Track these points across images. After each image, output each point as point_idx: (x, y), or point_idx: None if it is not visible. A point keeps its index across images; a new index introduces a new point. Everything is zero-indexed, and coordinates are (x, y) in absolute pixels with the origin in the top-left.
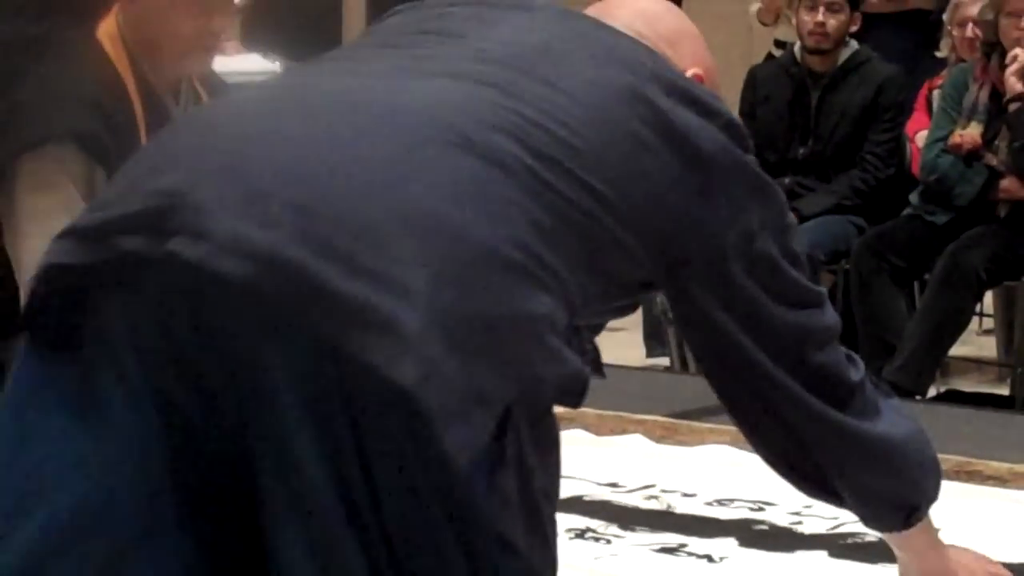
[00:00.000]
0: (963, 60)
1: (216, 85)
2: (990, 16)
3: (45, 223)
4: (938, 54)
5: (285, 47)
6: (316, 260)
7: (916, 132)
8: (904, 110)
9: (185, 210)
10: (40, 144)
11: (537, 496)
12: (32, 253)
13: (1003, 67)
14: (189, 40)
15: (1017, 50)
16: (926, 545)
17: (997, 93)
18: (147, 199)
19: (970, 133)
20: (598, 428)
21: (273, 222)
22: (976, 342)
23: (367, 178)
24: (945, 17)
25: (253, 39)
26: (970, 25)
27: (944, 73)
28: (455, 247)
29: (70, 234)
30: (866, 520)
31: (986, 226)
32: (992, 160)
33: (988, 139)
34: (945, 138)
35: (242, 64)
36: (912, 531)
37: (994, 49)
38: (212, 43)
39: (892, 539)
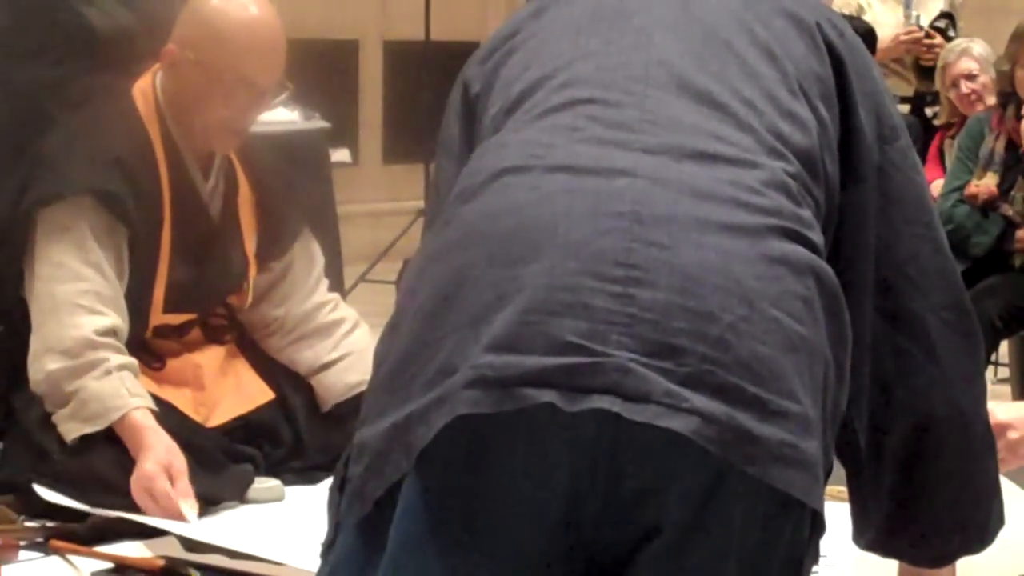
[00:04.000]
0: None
1: (251, 148)
2: (1006, 67)
3: (56, 265)
4: (936, 122)
5: (304, 95)
6: (738, 412)
7: (929, 183)
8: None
9: (607, 371)
10: (59, 198)
11: None
12: (41, 295)
13: (1019, 118)
14: (220, 123)
15: None
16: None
17: (1013, 144)
18: (552, 349)
19: (986, 183)
20: None
21: (693, 381)
22: (991, 391)
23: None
24: (936, 85)
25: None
26: (963, 82)
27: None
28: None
29: (477, 382)
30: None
31: (1001, 275)
32: (1008, 210)
33: (1004, 189)
34: (961, 188)
35: (264, 115)
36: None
37: (1010, 100)
38: (242, 131)
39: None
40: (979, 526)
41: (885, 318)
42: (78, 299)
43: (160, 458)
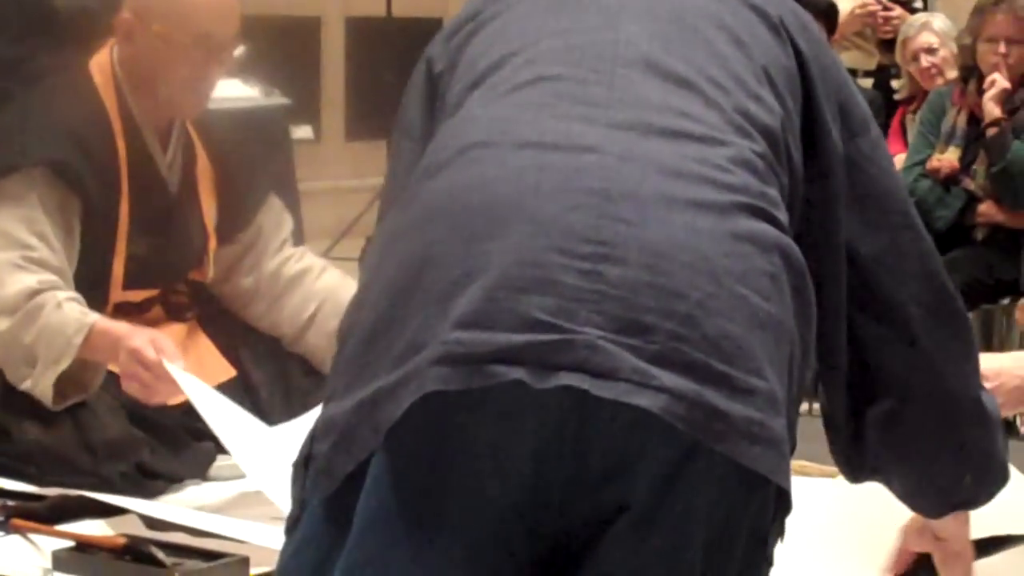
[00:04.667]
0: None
1: (209, 121)
2: (967, 41)
3: (4, 235)
4: (896, 96)
5: (264, 73)
6: (706, 389)
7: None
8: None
9: (576, 348)
10: (13, 169)
11: None
12: None
13: (980, 92)
14: (182, 85)
15: (995, 75)
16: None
17: (975, 118)
18: (521, 326)
19: (948, 158)
20: None
21: (662, 358)
22: None
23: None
24: (897, 58)
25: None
26: (923, 55)
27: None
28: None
29: (445, 359)
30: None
31: (964, 249)
32: (970, 184)
33: (966, 163)
34: (923, 162)
35: (222, 90)
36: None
37: (972, 74)
38: (206, 89)
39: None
40: (975, 488)
41: (865, 310)
42: (18, 262)
43: (143, 334)
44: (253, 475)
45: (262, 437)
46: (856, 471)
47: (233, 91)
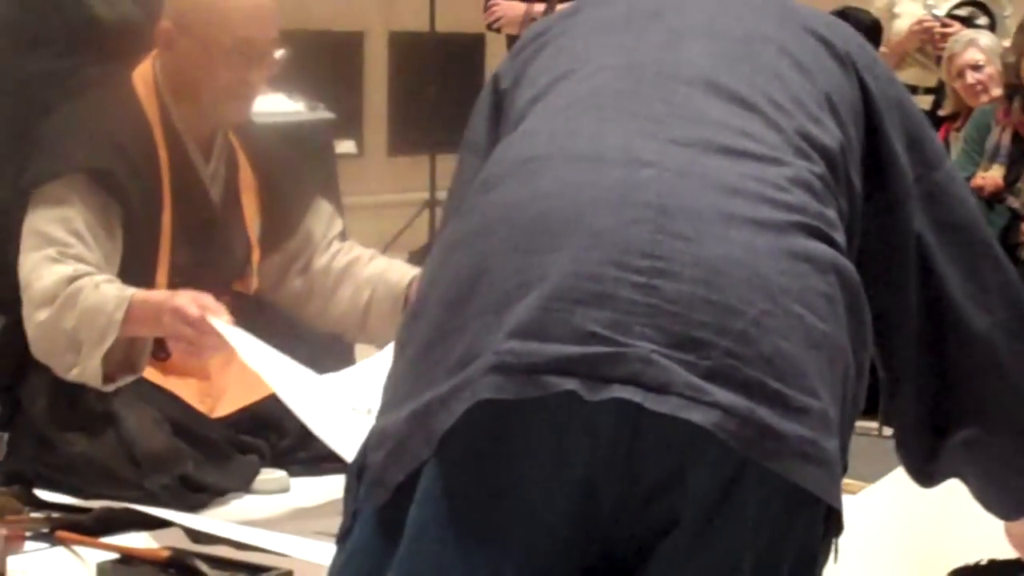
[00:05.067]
0: (971, 109)
1: (252, 133)
2: (1012, 59)
3: (40, 235)
4: (941, 112)
5: (308, 87)
6: (759, 407)
7: None
8: None
9: (629, 361)
10: (55, 176)
11: None
12: (24, 264)
13: None
14: (226, 91)
15: None
16: None
17: (1020, 136)
18: (575, 337)
19: (992, 176)
20: None
21: (715, 374)
22: None
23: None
24: (943, 75)
25: (277, 79)
26: (968, 72)
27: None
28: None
29: (499, 368)
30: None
31: None
32: (1014, 203)
33: (1010, 181)
34: (967, 180)
35: (266, 104)
36: None
37: (1017, 92)
38: (249, 94)
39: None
40: None
41: (952, 338)
42: (54, 256)
43: (184, 294)
44: (308, 421)
45: (314, 385)
46: (927, 482)
47: (278, 105)
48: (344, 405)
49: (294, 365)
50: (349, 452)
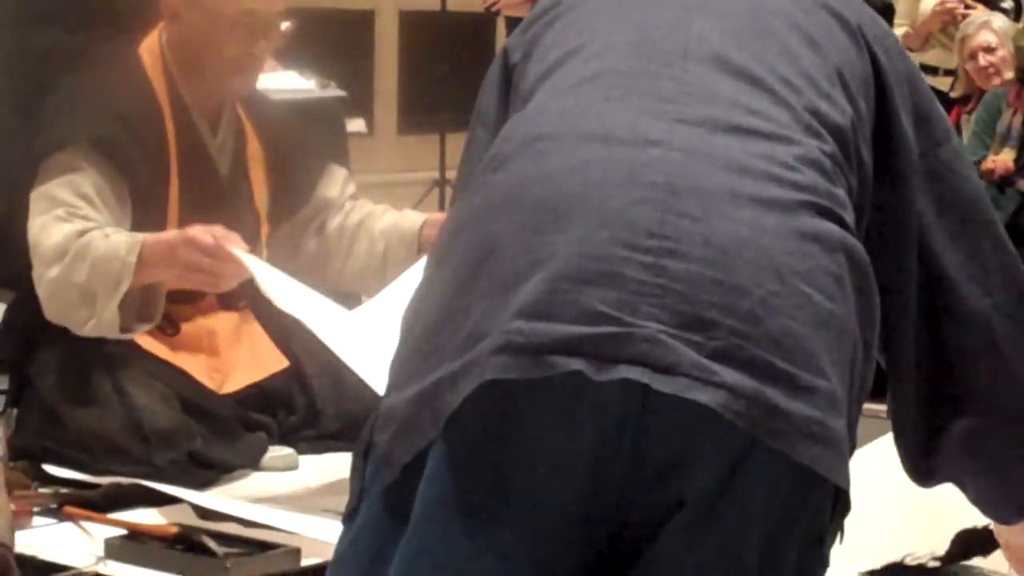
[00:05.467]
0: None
1: (260, 106)
2: (1023, 43)
3: (48, 198)
4: (952, 94)
5: (320, 64)
6: (767, 387)
7: None
8: None
9: (636, 342)
10: (60, 147)
11: None
12: (33, 227)
13: None
14: (232, 63)
15: None
16: None
17: None
18: (582, 318)
19: (1003, 159)
20: None
21: (723, 354)
22: None
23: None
24: (955, 56)
25: (288, 56)
26: (981, 54)
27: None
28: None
29: (506, 348)
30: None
31: (1018, 251)
32: None
33: (1021, 165)
34: (978, 163)
35: (278, 82)
36: None
37: None
38: (255, 66)
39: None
40: None
41: (950, 317)
42: (62, 215)
43: (196, 227)
44: (333, 346)
45: (336, 313)
46: (926, 478)
47: (290, 83)
48: (371, 332)
49: (313, 293)
50: (377, 381)
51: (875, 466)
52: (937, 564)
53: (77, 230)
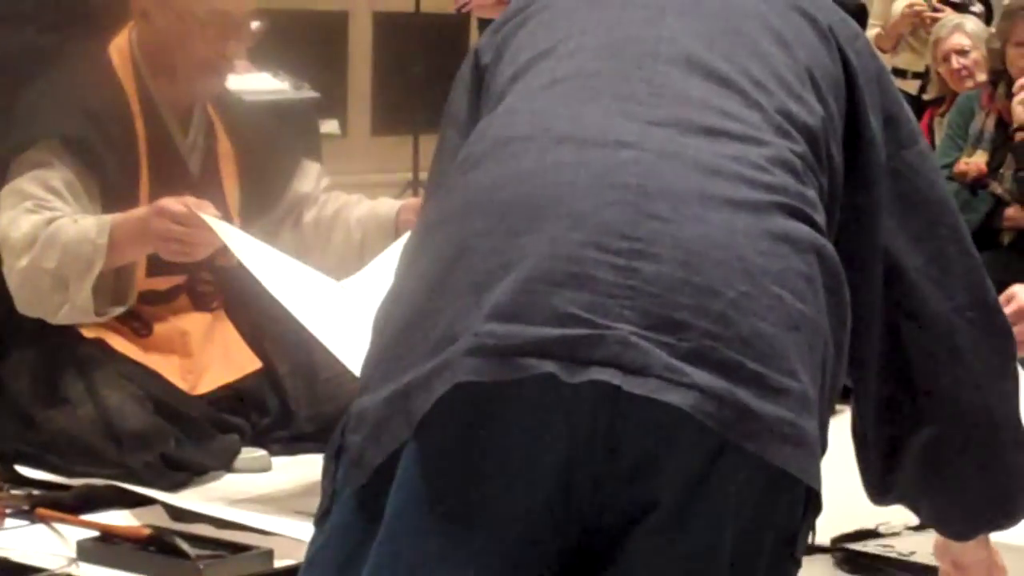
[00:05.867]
0: (955, 94)
1: (231, 106)
2: (997, 45)
3: (17, 193)
4: (925, 97)
5: (293, 66)
6: (738, 389)
7: None
8: None
9: (608, 344)
10: (31, 145)
11: None
12: (2, 223)
13: (1009, 96)
14: (202, 63)
15: None
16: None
17: (1003, 121)
18: (554, 320)
19: (975, 161)
20: None
21: (694, 356)
22: None
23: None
24: (928, 59)
25: (262, 58)
26: (954, 57)
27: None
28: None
29: (478, 350)
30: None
31: (990, 254)
32: (997, 188)
33: (993, 167)
34: (950, 165)
35: (252, 83)
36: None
37: (1001, 78)
38: (225, 66)
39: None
40: (1007, 512)
41: (910, 320)
42: (31, 207)
43: (168, 198)
44: (302, 318)
45: (309, 279)
46: (883, 494)
47: (264, 84)
48: (344, 305)
49: (287, 259)
50: (348, 356)
51: (849, 433)
52: (911, 533)
53: (45, 219)
